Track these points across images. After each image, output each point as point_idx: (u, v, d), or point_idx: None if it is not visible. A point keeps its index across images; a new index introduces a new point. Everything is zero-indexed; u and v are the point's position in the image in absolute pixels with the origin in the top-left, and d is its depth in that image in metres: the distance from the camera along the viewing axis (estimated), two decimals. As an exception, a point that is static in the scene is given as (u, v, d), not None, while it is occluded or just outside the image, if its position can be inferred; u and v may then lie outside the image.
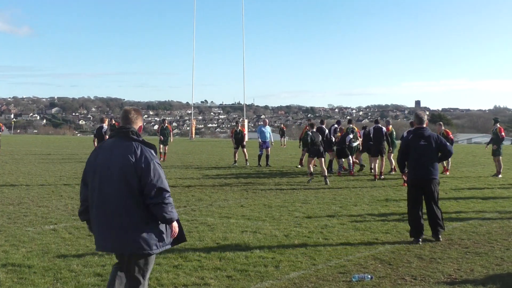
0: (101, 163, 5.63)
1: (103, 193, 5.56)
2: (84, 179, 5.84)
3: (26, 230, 10.93)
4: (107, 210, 5.53)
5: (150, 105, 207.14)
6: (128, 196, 5.50)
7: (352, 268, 8.23)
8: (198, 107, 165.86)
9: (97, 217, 5.62)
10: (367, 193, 16.51)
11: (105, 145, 5.76)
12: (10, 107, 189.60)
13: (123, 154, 5.55)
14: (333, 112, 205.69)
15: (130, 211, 5.51)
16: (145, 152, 5.58)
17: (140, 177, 5.50)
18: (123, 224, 5.50)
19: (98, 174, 5.62)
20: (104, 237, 5.60)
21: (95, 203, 5.61)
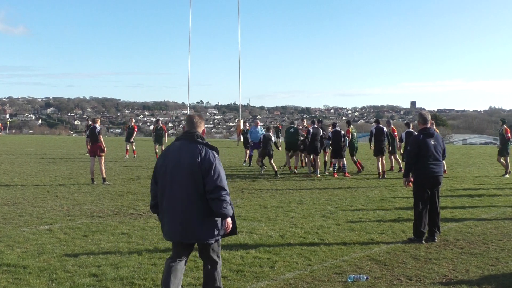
0: (170, 163, 6.36)
1: (173, 189, 6.30)
2: (155, 177, 6.58)
3: (21, 231, 10.91)
4: (176, 204, 6.27)
5: (146, 105, 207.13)
6: (194, 192, 6.22)
7: (347, 269, 8.24)
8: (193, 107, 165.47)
9: (167, 210, 6.35)
10: (362, 194, 16.53)
11: (173, 147, 6.50)
12: (5, 107, 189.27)
13: (190, 155, 6.27)
14: (329, 112, 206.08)
15: (195, 205, 6.23)
16: (209, 153, 6.30)
17: (203, 175, 6.20)
18: (189, 216, 6.23)
19: (168, 172, 6.34)
20: (173, 228, 6.32)
21: (166, 198, 6.36)
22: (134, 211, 13.38)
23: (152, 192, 6.67)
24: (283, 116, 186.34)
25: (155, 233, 10.75)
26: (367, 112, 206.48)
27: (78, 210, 13.40)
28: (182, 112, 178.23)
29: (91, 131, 19.19)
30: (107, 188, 17.64)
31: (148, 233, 10.77)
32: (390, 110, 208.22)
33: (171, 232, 6.35)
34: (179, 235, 6.32)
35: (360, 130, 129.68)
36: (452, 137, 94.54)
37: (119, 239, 10.18)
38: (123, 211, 13.30)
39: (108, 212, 13.14)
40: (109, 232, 10.80)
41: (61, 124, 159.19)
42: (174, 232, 6.33)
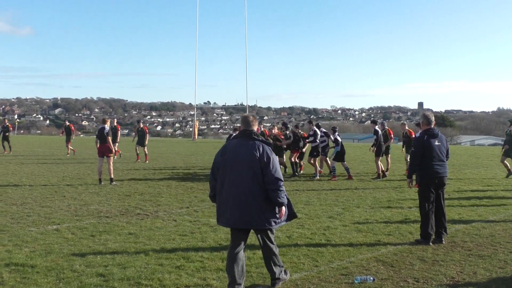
0: (230, 158, 7.15)
1: (233, 181, 7.06)
2: (213, 171, 7.34)
3: (29, 230, 10.96)
4: (236, 195, 7.03)
5: (153, 106, 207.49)
6: (254, 183, 7.01)
7: (354, 270, 8.23)
8: (201, 108, 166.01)
9: (226, 200, 7.12)
10: (369, 195, 16.50)
11: (231, 144, 7.33)
12: (13, 107, 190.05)
13: (249, 151, 7.08)
14: (336, 113, 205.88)
15: (255, 194, 7.01)
16: (266, 149, 7.13)
17: (262, 168, 7.00)
18: (249, 205, 7.01)
19: (228, 166, 7.12)
20: (233, 216, 7.07)
21: (225, 189, 7.11)
22: (141, 211, 13.41)
23: (211, 185, 7.41)
24: (290, 117, 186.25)
25: (162, 233, 10.77)
26: (374, 113, 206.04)
27: (85, 210, 13.44)
28: (189, 113, 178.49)
29: (99, 132, 19.26)
30: (114, 189, 17.68)
31: (155, 233, 10.79)
32: (397, 111, 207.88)
33: (231, 219, 7.11)
34: (238, 222, 7.08)
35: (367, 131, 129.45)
36: (459, 138, 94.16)
37: (126, 239, 10.21)
38: (130, 212, 13.33)
39: (115, 213, 13.18)
40: (116, 232, 10.83)
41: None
42: (234, 220, 7.09)
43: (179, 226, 11.59)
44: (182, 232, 10.94)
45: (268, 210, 7.08)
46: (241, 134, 7.35)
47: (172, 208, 13.93)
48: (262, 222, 7.08)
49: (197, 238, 10.35)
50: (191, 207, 14.12)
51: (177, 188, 17.93)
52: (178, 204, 14.60)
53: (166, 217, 12.66)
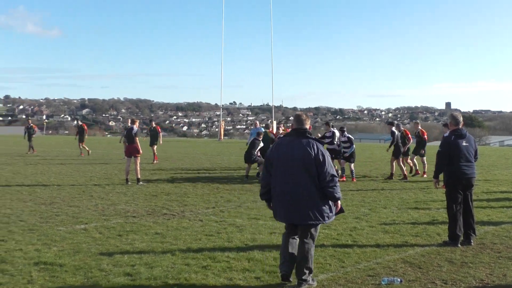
0: (284, 155, 7.37)
1: (287, 178, 7.30)
2: (267, 168, 7.57)
3: (58, 230, 11.08)
4: (291, 191, 7.27)
5: (179, 106, 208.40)
6: (308, 180, 7.24)
7: (381, 271, 8.17)
8: (226, 108, 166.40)
9: (280, 196, 7.38)
10: (396, 196, 16.37)
11: (284, 142, 7.56)
12: (42, 108, 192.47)
13: (303, 149, 7.29)
14: (362, 113, 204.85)
15: (309, 191, 7.24)
16: (320, 147, 7.37)
17: (317, 166, 7.22)
18: (303, 201, 7.25)
19: (281, 164, 7.36)
20: (287, 211, 7.35)
21: (280, 186, 7.37)
22: (167, 211, 13.48)
23: (264, 182, 7.65)
24: (316, 117, 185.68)
25: (188, 233, 10.81)
26: (401, 113, 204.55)
27: (112, 210, 13.55)
28: (215, 113, 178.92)
29: (128, 132, 19.43)
30: (141, 189, 17.80)
31: (181, 233, 10.83)
32: (424, 111, 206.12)
33: (285, 215, 7.39)
34: (292, 218, 7.35)
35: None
36: (488, 139, 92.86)
37: (153, 239, 10.26)
38: (157, 212, 13.41)
39: (142, 212, 13.26)
40: (143, 232, 10.89)
41: (96, 125, 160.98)
42: (289, 216, 7.37)
43: (205, 226, 11.62)
44: (208, 232, 10.97)
45: (321, 206, 7.32)
46: (295, 132, 7.54)
47: (198, 208, 13.97)
48: (313, 218, 7.30)
49: (223, 238, 10.37)
50: (217, 207, 14.15)
51: (203, 188, 17.99)
52: (204, 204, 14.65)
53: (193, 217, 12.70)
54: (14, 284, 7.42)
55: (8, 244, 9.74)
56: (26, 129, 34.98)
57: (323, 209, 7.33)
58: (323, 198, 7.32)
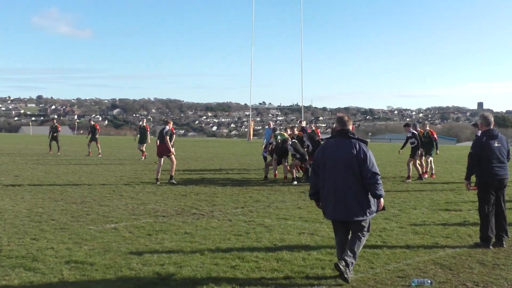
0: (330, 156, 7.78)
1: (333, 177, 7.71)
2: (315, 169, 7.99)
3: (88, 229, 11.19)
4: (338, 190, 7.68)
5: (209, 106, 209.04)
6: (352, 178, 7.63)
7: (411, 273, 8.10)
8: (256, 108, 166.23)
9: (328, 195, 7.78)
10: (426, 196, 16.21)
11: (330, 143, 7.98)
12: (73, 108, 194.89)
13: (346, 148, 7.70)
14: (392, 114, 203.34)
15: (353, 189, 7.65)
16: (362, 146, 7.73)
17: (360, 164, 7.60)
18: (348, 198, 7.65)
19: (328, 164, 7.77)
20: (334, 209, 7.75)
21: (327, 185, 7.77)
22: (197, 211, 13.54)
23: (312, 182, 8.09)
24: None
25: (217, 233, 10.84)
26: (432, 113, 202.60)
27: (142, 209, 13.65)
28: (245, 113, 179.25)
29: (160, 132, 19.66)
30: (170, 188, 17.90)
31: (210, 233, 10.87)
32: (455, 111, 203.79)
33: (334, 212, 7.78)
34: (340, 215, 7.75)
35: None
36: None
37: (182, 239, 10.31)
38: (186, 211, 13.47)
39: (172, 212, 13.34)
40: (172, 232, 10.96)
41: (127, 125, 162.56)
42: (337, 213, 7.75)
43: (234, 226, 11.64)
44: (237, 232, 10.99)
45: (365, 203, 7.69)
46: (338, 133, 7.98)
47: (227, 208, 14.01)
48: (360, 214, 7.68)
49: (252, 238, 10.37)
50: (246, 207, 14.17)
51: (232, 188, 18.02)
52: (233, 204, 14.68)
53: (221, 217, 12.74)
54: (45, 283, 7.52)
55: (40, 243, 9.87)
56: (51, 128, 35.30)
57: (366, 205, 7.70)
58: (367, 196, 7.70)
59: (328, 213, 7.90)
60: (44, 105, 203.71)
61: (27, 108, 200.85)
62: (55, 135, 34.63)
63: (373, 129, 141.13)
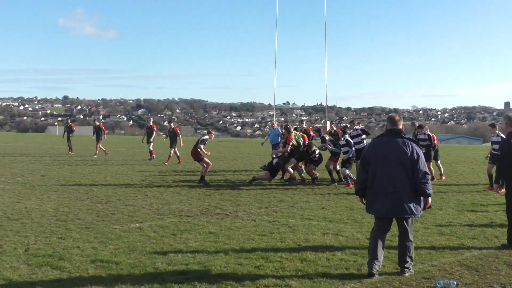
0: (381, 154, 7.97)
1: (385, 175, 7.90)
2: (364, 166, 8.18)
3: (114, 228, 11.28)
4: (388, 186, 7.87)
5: (233, 106, 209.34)
6: (403, 176, 7.83)
7: (436, 274, 8.02)
8: (280, 108, 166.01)
9: (377, 191, 7.95)
10: (452, 197, 16.06)
11: (380, 142, 8.15)
12: (99, 108, 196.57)
13: (399, 147, 7.91)
14: (417, 113, 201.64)
15: (404, 186, 7.84)
16: (414, 146, 7.96)
17: (412, 164, 7.81)
18: (399, 195, 7.83)
19: (379, 162, 7.96)
20: (384, 205, 7.90)
21: (377, 182, 7.96)
22: (221, 211, 13.56)
23: (360, 179, 8.26)
24: (370, 117, 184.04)
25: (241, 233, 10.85)
26: (458, 113, 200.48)
27: (167, 209, 13.72)
28: (269, 113, 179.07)
29: (198, 139, 19.75)
30: (194, 188, 17.97)
31: (234, 233, 10.88)
32: (482, 111, 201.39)
33: (382, 209, 7.94)
34: (388, 212, 7.93)
35: (450, 131, 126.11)
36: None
37: (207, 239, 10.34)
38: (210, 211, 13.51)
39: (196, 212, 13.38)
40: (196, 231, 10.99)
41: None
42: (386, 209, 7.92)
43: (258, 226, 11.64)
44: (261, 232, 10.99)
45: (414, 201, 7.89)
46: (389, 132, 8.15)
47: (251, 208, 14.02)
48: (410, 211, 7.87)
49: (276, 239, 10.36)
50: (270, 207, 14.16)
51: (256, 188, 18.03)
52: (257, 204, 14.68)
53: (246, 217, 12.75)
54: (71, 281, 7.59)
55: (66, 242, 9.97)
56: (66, 128, 35.37)
57: (415, 203, 7.91)
58: (416, 194, 7.90)
59: (375, 209, 8.06)
60: (70, 105, 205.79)
61: (53, 108, 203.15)
62: (70, 135, 34.69)
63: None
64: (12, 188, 17.59)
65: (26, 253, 9.08)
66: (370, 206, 8.14)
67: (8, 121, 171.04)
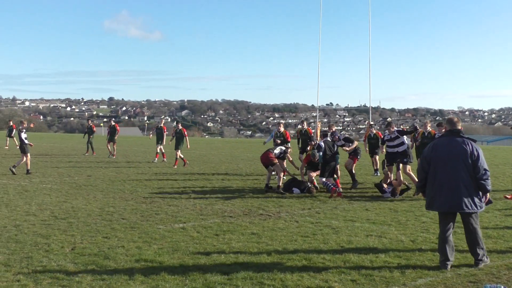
0: (443, 153, 8.50)
1: (446, 172, 8.40)
2: (424, 165, 8.72)
3: (157, 228, 11.40)
4: (450, 183, 8.37)
5: (276, 107, 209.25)
6: (464, 173, 8.34)
7: (483, 278, 7.88)
8: (323, 109, 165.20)
9: (439, 188, 8.46)
10: (499, 200, 15.73)
11: (440, 142, 8.70)
12: (143, 109, 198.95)
13: (460, 147, 8.43)
14: (463, 114, 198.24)
15: (466, 183, 8.34)
16: (473, 144, 8.46)
17: (473, 162, 8.32)
18: (461, 192, 8.33)
19: (441, 160, 8.47)
20: (446, 201, 8.41)
21: (438, 179, 8.47)
22: (263, 211, 13.58)
23: (421, 176, 8.79)
24: (415, 119, 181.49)
25: (284, 234, 10.84)
26: (505, 114, 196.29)
27: (210, 210, 13.80)
28: (312, 114, 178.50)
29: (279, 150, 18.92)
30: (237, 189, 18.03)
31: (277, 234, 10.88)
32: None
33: (444, 204, 8.44)
34: (450, 207, 8.40)
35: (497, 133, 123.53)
36: None
37: (249, 239, 10.36)
38: (253, 212, 13.53)
39: (239, 212, 13.43)
40: (239, 232, 11.02)
41: (195, 126, 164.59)
42: (448, 205, 8.41)
43: (301, 227, 11.62)
44: (304, 233, 10.96)
45: (475, 196, 8.38)
46: (449, 133, 8.69)
47: (294, 209, 13.99)
48: (471, 207, 8.35)
49: (319, 240, 10.32)
50: (313, 209, 14.11)
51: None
52: (300, 205, 14.65)
53: (288, 218, 12.73)
54: (116, 280, 7.70)
55: (111, 241, 10.13)
56: (87, 129, 35.40)
57: (476, 199, 8.40)
58: (476, 189, 8.40)
59: (436, 206, 8.55)
60: (115, 107, 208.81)
61: (99, 109, 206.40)
62: (90, 136, 34.44)
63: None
64: (59, 188, 17.95)
65: (72, 252, 9.25)
66: (431, 204, 8.64)
67: (56, 122, 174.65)
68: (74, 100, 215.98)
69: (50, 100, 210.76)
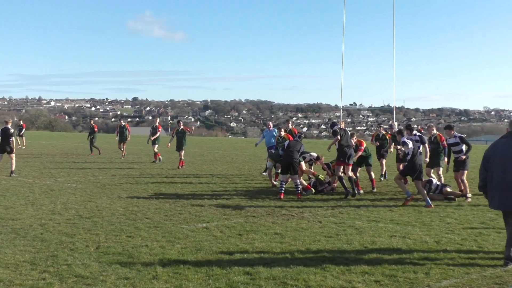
0: (501, 154, 8.69)
1: (503, 172, 8.57)
2: (484, 165, 8.95)
3: (181, 227, 11.44)
4: (503, 182, 8.55)
5: (299, 107, 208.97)
6: None
7: (509, 279, 7.79)
8: (346, 109, 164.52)
9: (496, 187, 8.66)
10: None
11: (500, 143, 8.91)
12: (167, 109, 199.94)
13: None
14: (489, 114, 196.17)
15: None
16: None
17: None
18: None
19: (498, 160, 8.68)
20: (504, 200, 8.57)
21: (495, 178, 8.69)
22: (287, 211, 13.56)
23: (482, 176, 9.03)
24: (439, 119, 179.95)
25: (307, 234, 10.82)
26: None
27: (233, 210, 13.81)
28: (335, 114, 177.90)
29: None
30: (260, 189, 18.04)
31: (300, 234, 10.86)
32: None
33: (502, 203, 8.62)
34: (506, 205, 8.56)
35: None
36: None
37: (272, 239, 10.36)
38: (276, 212, 13.53)
39: (262, 212, 13.43)
40: (262, 232, 11.03)
41: (218, 126, 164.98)
42: (504, 204, 8.59)
43: (324, 227, 11.59)
44: (327, 233, 10.93)
45: None
46: (509, 134, 8.91)
47: (317, 210, 13.96)
48: None
49: (342, 240, 10.29)
50: (336, 209, 14.07)
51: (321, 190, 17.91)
52: (323, 206, 14.61)
53: (311, 218, 12.71)
54: (140, 279, 7.74)
55: (135, 240, 10.19)
56: (89, 129, 35.29)
57: None
58: None
59: (494, 205, 8.76)
60: (139, 107, 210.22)
61: (123, 109, 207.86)
62: (91, 137, 34.20)
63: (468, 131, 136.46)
64: (84, 187, 18.11)
65: (97, 251, 9.33)
66: (490, 202, 8.86)
67: (81, 122, 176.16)
68: (99, 100, 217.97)
69: (75, 100, 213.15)
